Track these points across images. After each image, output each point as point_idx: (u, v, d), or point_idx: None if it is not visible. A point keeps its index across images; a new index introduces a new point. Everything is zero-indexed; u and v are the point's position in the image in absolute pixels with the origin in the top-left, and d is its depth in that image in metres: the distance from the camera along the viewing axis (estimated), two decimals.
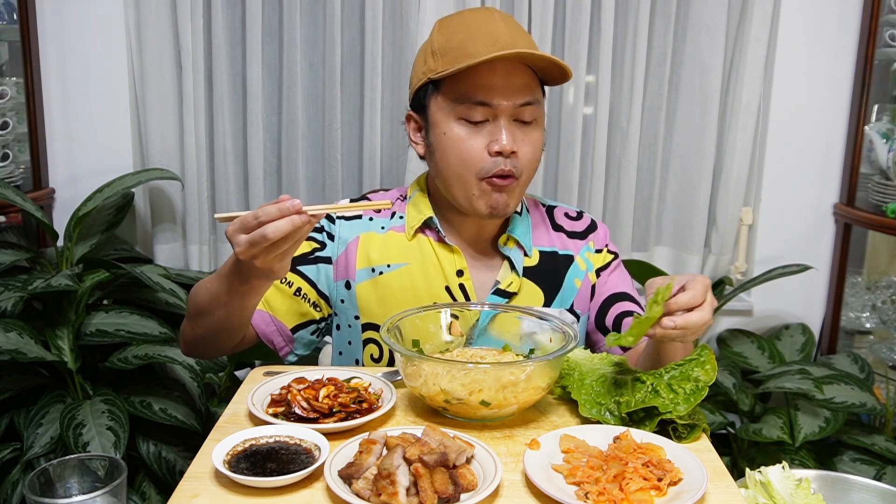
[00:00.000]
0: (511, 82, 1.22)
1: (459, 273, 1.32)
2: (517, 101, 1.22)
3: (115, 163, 2.16)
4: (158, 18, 2.08)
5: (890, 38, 2.14)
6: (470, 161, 1.24)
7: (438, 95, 1.26)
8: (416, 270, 1.32)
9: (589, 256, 1.40)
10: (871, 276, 2.37)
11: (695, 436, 1.02)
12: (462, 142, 1.24)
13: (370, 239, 1.34)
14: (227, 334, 1.23)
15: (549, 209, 1.44)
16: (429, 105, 1.28)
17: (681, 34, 2.18)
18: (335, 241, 1.35)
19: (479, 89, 1.21)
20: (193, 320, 1.24)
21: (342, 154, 2.18)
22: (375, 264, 1.32)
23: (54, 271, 1.91)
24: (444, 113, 1.25)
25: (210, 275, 1.22)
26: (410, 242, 1.34)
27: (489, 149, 1.22)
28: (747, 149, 2.22)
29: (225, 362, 2.08)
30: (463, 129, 1.24)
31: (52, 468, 0.90)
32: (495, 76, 1.21)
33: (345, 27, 2.12)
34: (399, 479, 0.82)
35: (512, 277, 1.33)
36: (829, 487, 1.07)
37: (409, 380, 1.05)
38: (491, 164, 1.23)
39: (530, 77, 1.24)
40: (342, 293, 1.34)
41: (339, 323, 1.37)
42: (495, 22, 1.23)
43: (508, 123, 1.23)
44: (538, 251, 1.37)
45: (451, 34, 1.25)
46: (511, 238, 1.34)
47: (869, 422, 2.14)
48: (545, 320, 1.16)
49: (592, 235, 1.42)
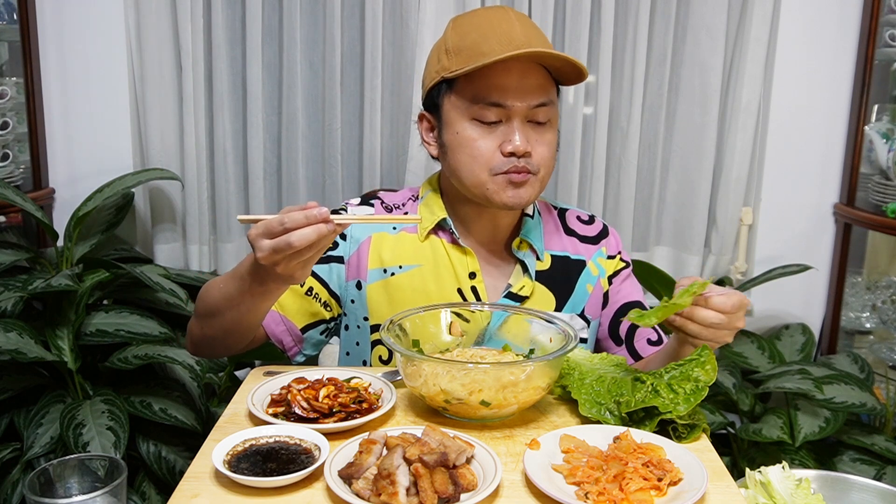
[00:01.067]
0: (525, 83, 1.21)
1: (472, 275, 1.31)
2: (532, 102, 1.21)
3: (115, 163, 2.16)
4: (158, 18, 2.08)
5: (890, 38, 2.14)
6: (482, 161, 1.23)
7: (452, 95, 1.25)
8: (427, 272, 1.31)
9: (601, 262, 1.39)
10: (871, 276, 2.37)
11: (695, 436, 1.02)
12: (475, 142, 1.23)
13: (382, 239, 1.33)
14: (237, 335, 1.22)
15: (561, 212, 1.43)
16: (442, 104, 1.27)
17: (681, 34, 2.18)
18: (347, 241, 1.33)
19: (493, 90, 1.20)
20: (203, 320, 1.23)
21: (342, 154, 2.18)
22: (387, 265, 1.31)
23: (54, 271, 1.91)
24: (458, 112, 1.24)
25: (221, 275, 1.20)
26: (423, 244, 1.33)
27: (502, 149, 1.22)
28: (747, 149, 2.22)
29: (225, 362, 2.08)
30: (476, 130, 1.23)
31: (52, 468, 0.90)
32: (510, 77, 1.20)
33: (345, 27, 2.12)
34: (399, 479, 0.82)
35: (524, 281, 1.32)
36: (829, 487, 1.07)
37: (409, 380, 1.05)
38: (503, 163, 1.22)
39: (545, 77, 1.23)
40: (353, 293, 1.33)
41: (347, 323, 1.37)
42: (510, 21, 1.22)
43: (522, 124, 1.22)
44: (550, 255, 1.36)
45: (465, 33, 1.23)
46: (525, 242, 1.33)
47: (869, 422, 2.14)
48: (552, 324, 1.16)
49: (605, 241, 1.41)
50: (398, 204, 1.38)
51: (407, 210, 1.37)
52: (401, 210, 1.37)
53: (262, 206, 2.19)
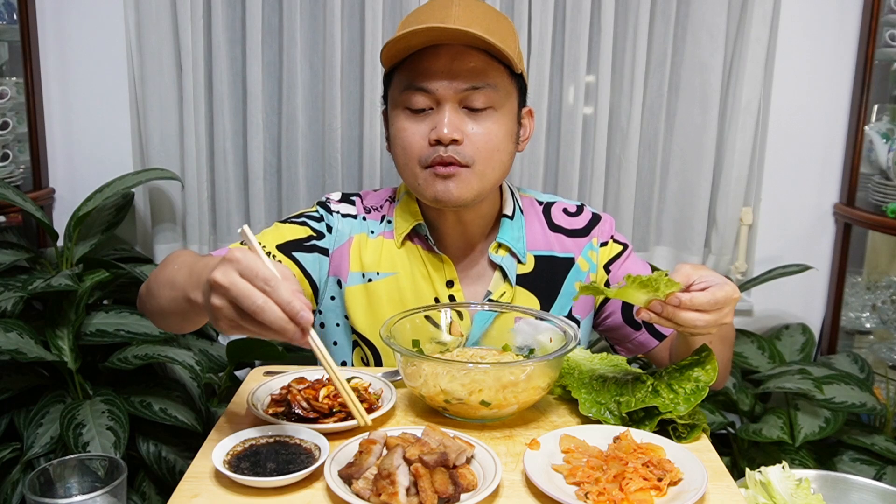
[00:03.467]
0: (455, 66, 1.15)
1: (450, 284, 1.28)
2: (461, 86, 1.15)
3: (115, 163, 2.16)
4: (158, 18, 2.08)
5: (890, 38, 2.14)
6: (412, 151, 1.18)
7: (391, 86, 1.22)
8: (404, 281, 1.27)
9: (592, 256, 1.34)
10: (871, 276, 2.37)
11: (695, 436, 1.02)
12: (405, 131, 1.18)
13: (363, 242, 1.29)
14: (178, 327, 1.11)
15: (546, 208, 1.36)
16: (387, 98, 1.24)
17: (681, 34, 2.18)
18: (333, 234, 1.29)
19: (419, 75, 1.15)
20: (150, 294, 1.10)
21: (342, 154, 2.18)
22: (366, 270, 1.28)
23: (54, 271, 1.91)
24: (394, 104, 1.21)
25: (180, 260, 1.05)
26: (399, 250, 1.28)
27: (429, 137, 1.16)
28: (747, 149, 2.22)
29: (225, 362, 2.08)
30: (407, 119, 1.18)
31: (52, 468, 0.90)
32: (438, 61, 1.15)
33: (345, 27, 2.12)
34: (399, 479, 0.82)
35: (504, 287, 1.28)
36: (829, 487, 1.07)
37: (409, 380, 1.05)
38: (430, 152, 1.16)
39: (483, 61, 1.16)
40: (333, 289, 1.29)
41: (323, 321, 1.32)
42: (452, 5, 1.15)
43: (454, 110, 1.16)
44: (533, 256, 1.31)
45: (406, 20, 1.20)
46: (502, 245, 1.28)
47: (869, 422, 2.14)
48: (544, 321, 1.15)
49: (595, 230, 1.35)
50: (376, 206, 1.33)
51: (384, 213, 1.32)
52: (378, 212, 1.32)
53: (262, 206, 2.19)
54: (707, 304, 0.97)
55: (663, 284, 0.96)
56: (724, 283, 0.99)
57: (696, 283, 0.99)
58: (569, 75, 2.13)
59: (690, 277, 0.99)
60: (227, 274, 0.82)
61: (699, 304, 0.97)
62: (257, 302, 0.81)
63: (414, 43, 1.15)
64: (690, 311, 0.97)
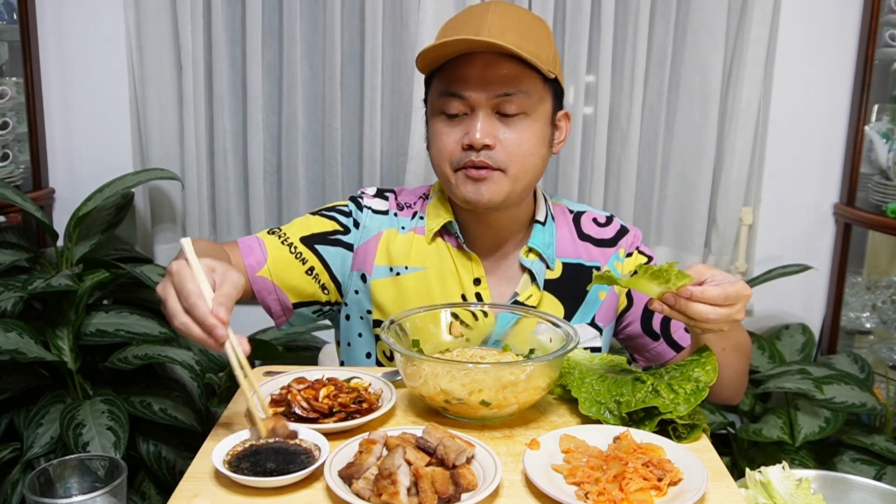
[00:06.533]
0: (489, 73, 1.18)
1: (477, 281, 1.29)
2: (493, 93, 1.18)
3: (115, 163, 2.16)
4: (158, 18, 2.08)
5: (890, 38, 2.14)
6: (445, 154, 1.22)
7: (430, 91, 1.26)
8: (432, 276, 1.29)
9: (617, 266, 1.36)
10: (871, 276, 2.37)
11: (695, 436, 1.02)
12: (440, 135, 1.22)
13: (392, 237, 1.31)
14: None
15: (577, 217, 1.39)
16: (426, 102, 1.29)
17: (681, 34, 2.18)
18: (360, 230, 1.32)
19: (454, 81, 1.19)
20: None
21: (342, 154, 2.18)
22: (394, 264, 1.30)
23: (54, 271, 1.91)
24: (432, 107, 1.25)
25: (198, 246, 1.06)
26: (429, 246, 1.31)
27: (462, 142, 1.20)
28: (747, 149, 2.22)
29: (225, 362, 2.08)
30: (443, 123, 1.22)
31: (52, 468, 0.90)
32: (473, 68, 1.18)
33: (345, 27, 2.12)
34: (400, 478, 0.82)
35: (532, 290, 1.30)
36: (829, 487, 1.07)
37: (409, 380, 1.05)
38: (462, 156, 1.20)
39: (516, 68, 1.18)
40: (357, 284, 1.31)
41: (348, 314, 1.34)
42: (486, 13, 1.18)
43: (487, 116, 1.19)
44: (562, 263, 1.33)
45: (444, 28, 1.24)
46: (533, 250, 1.30)
47: (869, 422, 2.14)
48: (559, 327, 1.14)
49: (623, 241, 1.37)
50: (409, 202, 1.37)
51: (416, 210, 1.35)
52: (411, 209, 1.35)
53: (261, 205, 2.19)
54: (718, 297, 1.00)
55: (674, 276, 0.99)
56: (736, 280, 1.03)
57: (709, 281, 1.02)
58: (569, 75, 2.13)
59: (703, 275, 1.03)
60: (165, 288, 0.94)
61: (710, 297, 1.00)
62: (181, 319, 0.92)
63: (448, 51, 1.19)
64: (702, 303, 1.00)
